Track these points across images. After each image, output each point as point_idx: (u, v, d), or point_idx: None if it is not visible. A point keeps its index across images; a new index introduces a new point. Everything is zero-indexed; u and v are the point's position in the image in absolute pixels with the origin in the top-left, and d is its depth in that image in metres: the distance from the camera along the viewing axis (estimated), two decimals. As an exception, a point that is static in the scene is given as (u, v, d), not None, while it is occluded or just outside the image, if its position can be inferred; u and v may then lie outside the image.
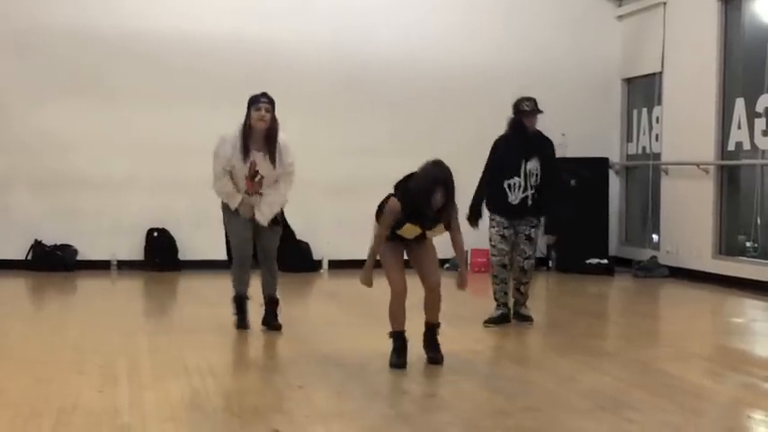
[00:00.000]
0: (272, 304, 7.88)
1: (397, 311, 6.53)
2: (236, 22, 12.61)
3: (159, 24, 12.42)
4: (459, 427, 5.20)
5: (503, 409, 5.55)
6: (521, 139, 8.21)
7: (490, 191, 8.26)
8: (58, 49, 12.23)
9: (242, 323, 7.81)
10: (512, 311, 8.44)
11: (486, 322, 8.29)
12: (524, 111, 8.19)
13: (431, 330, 6.68)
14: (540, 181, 8.21)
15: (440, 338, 6.70)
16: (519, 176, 8.12)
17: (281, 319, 7.90)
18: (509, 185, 8.13)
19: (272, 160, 7.57)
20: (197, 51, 12.48)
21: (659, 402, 5.72)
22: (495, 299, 8.39)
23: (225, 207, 7.74)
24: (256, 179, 7.60)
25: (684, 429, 5.20)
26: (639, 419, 5.30)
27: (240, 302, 7.85)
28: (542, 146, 8.33)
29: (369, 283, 6.47)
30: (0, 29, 12.17)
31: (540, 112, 8.25)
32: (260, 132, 7.53)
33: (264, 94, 7.62)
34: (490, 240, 8.31)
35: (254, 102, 7.58)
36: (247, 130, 7.53)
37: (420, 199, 6.24)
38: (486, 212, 8.31)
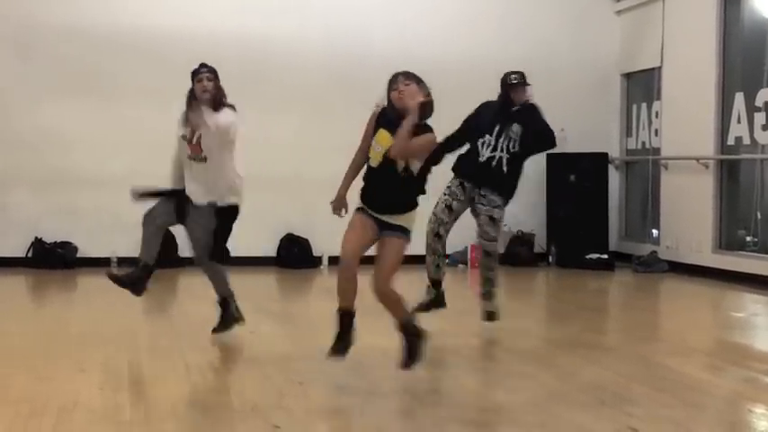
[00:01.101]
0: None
1: (343, 285, 5.90)
2: (235, 20, 12.58)
3: (158, 22, 12.40)
4: (460, 423, 5.20)
5: (503, 405, 5.56)
6: (504, 106, 8.02)
7: (465, 151, 7.97)
8: (58, 47, 12.22)
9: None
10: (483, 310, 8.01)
11: (415, 309, 7.36)
12: (511, 84, 8.01)
13: (402, 333, 6.07)
14: (532, 139, 7.91)
15: (438, 332, 6.59)
16: (491, 135, 7.83)
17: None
18: (481, 143, 7.86)
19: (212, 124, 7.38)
20: (196, 49, 12.36)
21: (660, 397, 5.73)
22: (428, 276, 7.94)
23: None
24: (194, 141, 7.46)
25: (685, 424, 5.21)
26: (640, 414, 5.30)
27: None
28: (527, 113, 8.01)
29: (339, 208, 6.15)
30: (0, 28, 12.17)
31: (526, 84, 8.03)
32: (205, 102, 7.45)
33: (204, 65, 7.60)
34: (434, 207, 7.85)
35: (195, 74, 7.55)
36: (192, 101, 7.48)
37: (387, 94, 6.03)
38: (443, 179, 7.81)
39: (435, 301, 7.95)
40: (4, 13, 12.17)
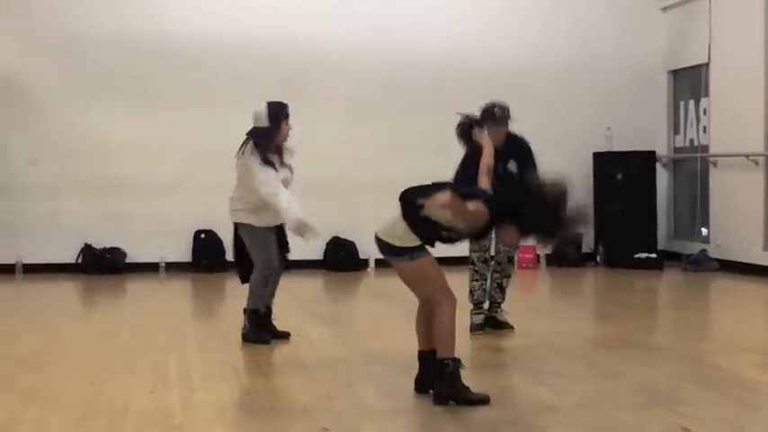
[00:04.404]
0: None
1: (454, 330, 5.63)
2: (279, 24, 12.61)
3: (202, 28, 12.47)
4: (509, 424, 5.17)
5: (553, 406, 5.52)
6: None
7: None
8: (105, 55, 12.33)
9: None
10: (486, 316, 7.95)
11: (473, 331, 7.73)
12: (495, 119, 8.04)
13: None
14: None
15: (487, 333, 6.59)
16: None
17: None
18: None
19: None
20: (239, 54, 12.53)
21: (712, 397, 5.66)
22: (474, 299, 7.86)
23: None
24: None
25: (739, 424, 5.14)
26: (693, 414, 5.24)
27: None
28: (519, 146, 8.09)
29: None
30: (45, 37, 12.31)
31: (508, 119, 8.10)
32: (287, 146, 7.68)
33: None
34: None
35: (287, 115, 7.58)
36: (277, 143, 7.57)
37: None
38: None
39: (487, 320, 7.93)
40: (51, 24, 12.32)
